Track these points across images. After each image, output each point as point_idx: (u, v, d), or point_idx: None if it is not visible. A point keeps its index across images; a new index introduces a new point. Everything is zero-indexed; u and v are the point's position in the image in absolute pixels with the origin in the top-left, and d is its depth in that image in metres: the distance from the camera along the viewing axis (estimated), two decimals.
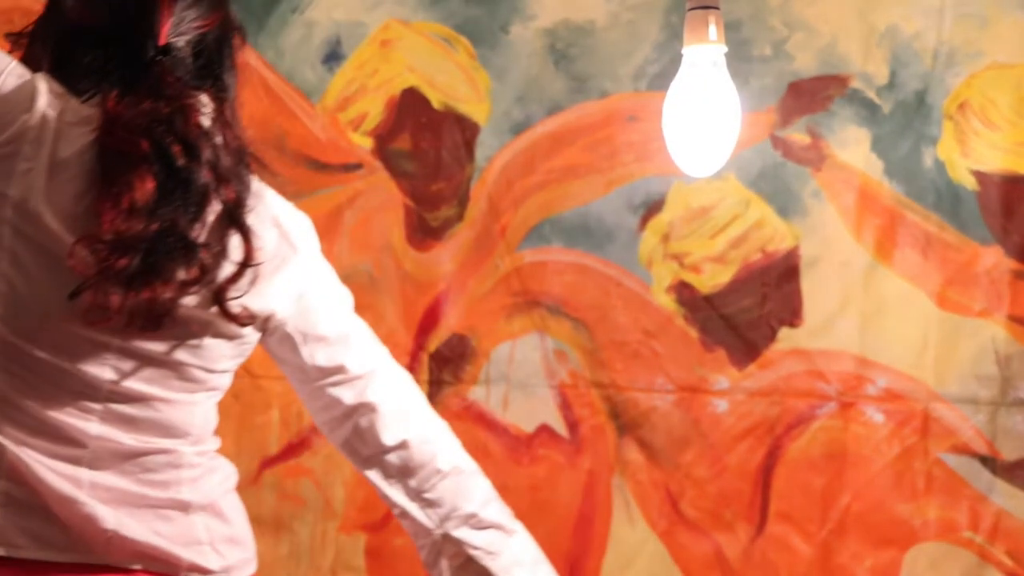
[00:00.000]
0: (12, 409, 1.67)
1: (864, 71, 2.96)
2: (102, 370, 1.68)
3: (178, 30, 1.73)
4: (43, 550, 1.67)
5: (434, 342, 3.05)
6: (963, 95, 2.94)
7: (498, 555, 1.94)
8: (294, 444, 3.04)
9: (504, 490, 2.99)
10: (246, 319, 1.74)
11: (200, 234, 1.68)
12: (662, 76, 2.95)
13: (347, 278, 3.01)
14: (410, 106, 3.05)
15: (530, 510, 2.97)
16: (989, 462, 2.94)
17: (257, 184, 1.78)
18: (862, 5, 2.96)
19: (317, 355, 1.87)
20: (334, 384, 1.88)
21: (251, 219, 1.72)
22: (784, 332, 2.98)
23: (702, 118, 2.71)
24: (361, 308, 3.01)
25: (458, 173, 3.05)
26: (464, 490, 1.94)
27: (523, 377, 3.04)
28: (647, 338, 3.01)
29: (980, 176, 2.93)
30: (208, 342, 1.73)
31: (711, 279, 3.00)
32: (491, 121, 3.04)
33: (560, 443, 3.04)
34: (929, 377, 2.94)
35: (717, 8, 2.65)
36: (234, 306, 1.71)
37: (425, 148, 3.05)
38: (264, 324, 1.80)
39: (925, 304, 2.95)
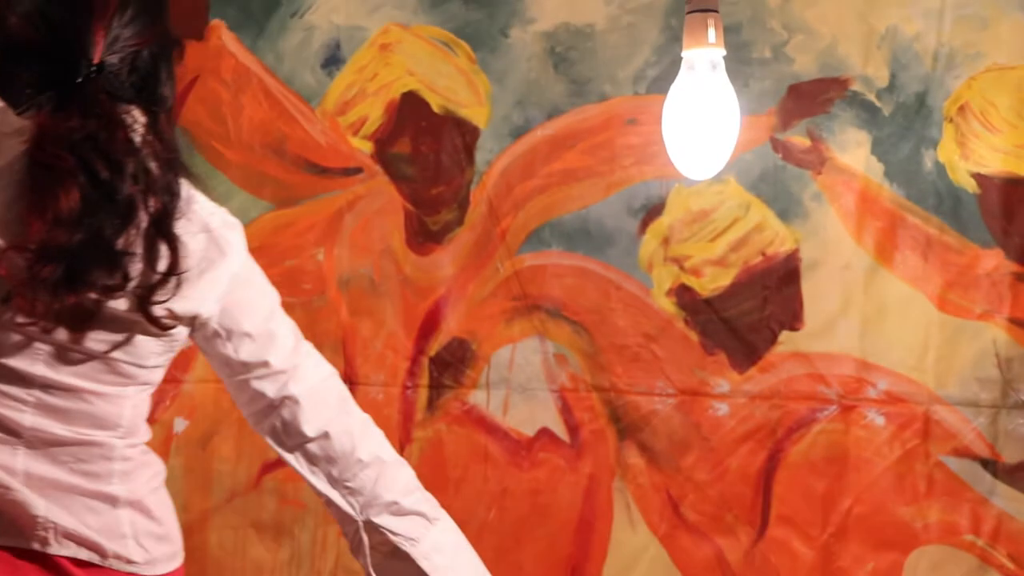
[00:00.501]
0: None
1: (864, 73, 2.96)
2: (34, 365, 1.77)
3: (112, 48, 1.79)
4: None
5: (434, 346, 3.05)
6: (963, 97, 2.94)
7: (418, 541, 2.02)
8: None
9: (505, 494, 3.01)
10: (169, 322, 1.82)
11: (126, 243, 1.75)
12: (662, 79, 2.95)
13: (347, 282, 3.03)
14: (410, 110, 3.05)
15: (531, 514, 2.98)
16: (990, 465, 2.93)
17: (187, 191, 1.85)
18: (862, 7, 2.96)
19: (241, 350, 1.94)
20: (258, 378, 1.96)
21: (180, 226, 1.81)
22: (785, 335, 2.98)
23: (702, 121, 2.71)
24: (361, 312, 3.02)
25: (458, 177, 3.05)
26: (385, 479, 2.01)
27: (523, 381, 3.04)
28: (647, 341, 3.01)
29: (980, 179, 2.93)
30: (137, 340, 1.82)
31: (711, 282, 3.00)
32: (491, 125, 3.04)
33: (561, 447, 3.04)
34: (930, 380, 2.94)
35: (716, 11, 2.65)
36: (158, 310, 1.80)
37: (425, 152, 3.05)
38: (191, 323, 1.89)
39: (926, 307, 2.95)
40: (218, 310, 1.90)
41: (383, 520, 2.01)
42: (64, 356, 1.80)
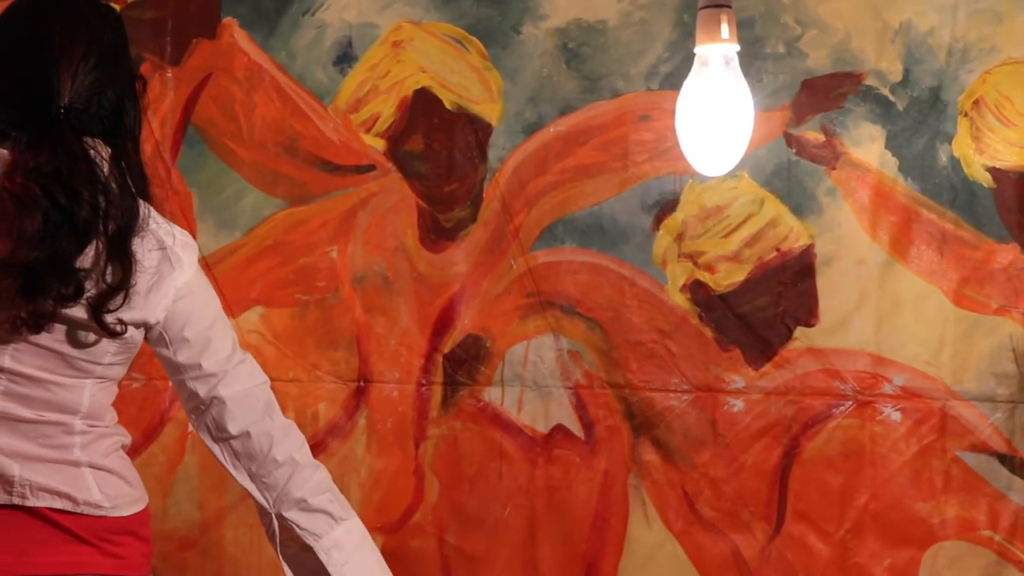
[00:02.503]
0: None
1: (878, 68, 2.95)
2: (2, 358, 2.05)
3: (79, 91, 2.06)
4: None
5: (448, 343, 3.05)
6: (978, 91, 2.93)
7: (320, 537, 2.26)
8: (309, 446, 3.03)
9: (520, 491, 3.01)
10: (119, 329, 2.06)
11: (84, 261, 2.02)
12: (675, 75, 2.94)
13: (361, 280, 3.03)
14: (422, 107, 3.05)
15: (546, 511, 2.98)
16: (1008, 460, 2.92)
17: (147, 213, 2.11)
18: (876, 1, 2.95)
19: (180, 353, 2.19)
20: (193, 379, 2.20)
21: (136, 243, 2.07)
22: (800, 331, 2.97)
23: (715, 117, 2.71)
24: (375, 310, 3.02)
25: (471, 174, 3.05)
26: (297, 479, 2.25)
27: (538, 378, 3.03)
28: (662, 338, 3.01)
29: (996, 173, 2.92)
30: (93, 340, 2.08)
31: (726, 278, 2.99)
32: (504, 121, 3.03)
33: (575, 444, 3.03)
34: (946, 375, 2.93)
35: (729, 6, 2.65)
36: (109, 318, 2.05)
37: (438, 149, 3.05)
38: (142, 328, 2.13)
39: (941, 302, 2.94)
40: (164, 317, 2.14)
41: (292, 515, 2.25)
42: (27, 351, 2.05)
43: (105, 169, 2.07)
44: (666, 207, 3.01)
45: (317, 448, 3.03)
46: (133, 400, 2.98)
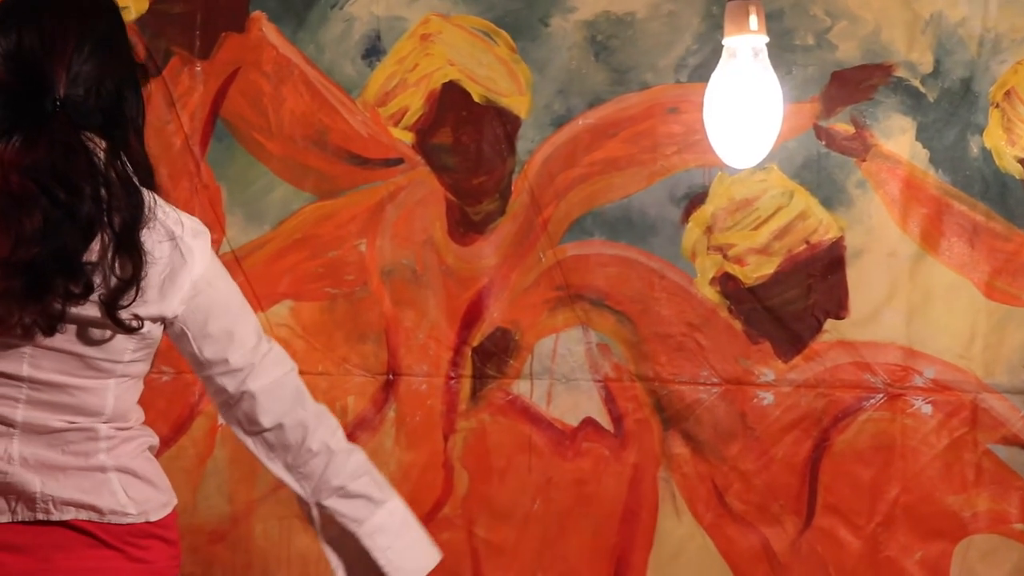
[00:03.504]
0: None
1: (908, 59, 2.94)
2: (20, 366, 2.01)
3: (75, 83, 2.03)
4: None
5: (477, 336, 3.05)
6: (1009, 82, 2.91)
7: (363, 522, 2.24)
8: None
9: (549, 484, 3.01)
10: (134, 324, 2.03)
11: (91, 256, 1.98)
12: (703, 67, 2.93)
13: (390, 273, 3.03)
14: (451, 100, 3.05)
15: (576, 504, 2.98)
16: None
17: (153, 204, 2.06)
18: None
19: (205, 350, 2.15)
20: (220, 374, 2.17)
21: (145, 235, 2.03)
22: (830, 323, 2.96)
23: (744, 109, 2.70)
24: (404, 303, 3.03)
25: (499, 167, 3.04)
26: (333, 467, 2.23)
27: (567, 371, 3.03)
28: (691, 331, 3.00)
29: None
30: (110, 338, 2.04)
31: (755, 271, 2.98)
32: (532, 114, 3.03)
33: (605, 437, 3.03)
34: (978, 368, 2.92)
35: None
36: (123, 314, 2.01)
37: (466, 142, 3.05)
38: (159, 323, 2.10)
39: (973, 294, 2.92)
40: (183, 311, 2.11)
41: (331, 503, 2.23)
42: (46, 357, 2.02)
43: (105, 161, 2.02)
44: (695, 200, 3.00)
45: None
46: (162, 394, 2.99)
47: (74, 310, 1.99)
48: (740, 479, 2.99)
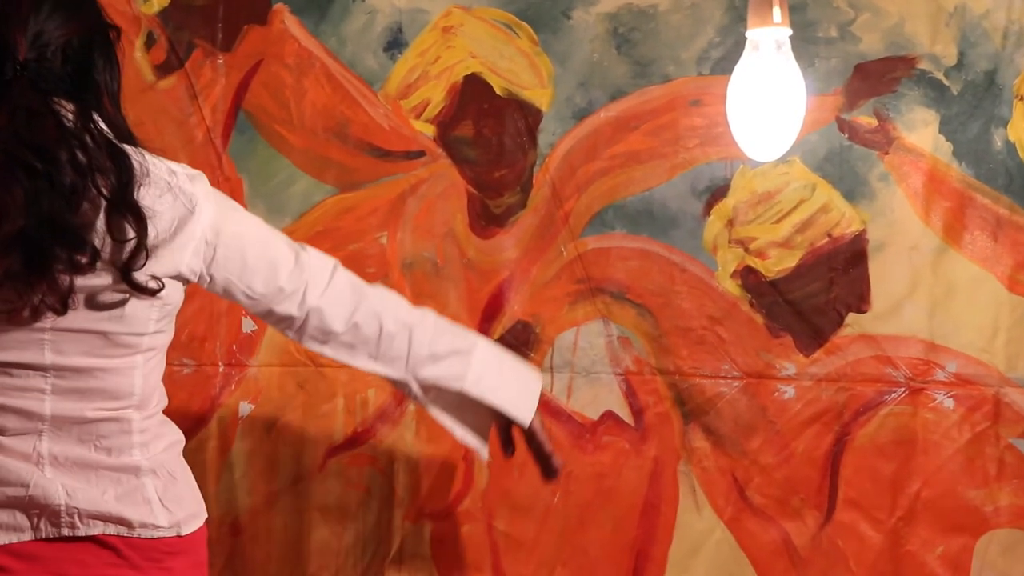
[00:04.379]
0: None
1: (932, 52, 2.93)
2: (42, 354, 1.92)
3: (39, 43, 1.91)
4: (10, 533, 1.95)
5: (498, 329, 3.04)
6: None
7: (463, 377, 2.28)
8: (359, 432, 3.05)
9: (569, 478, 3.01)
10: (154, 286, 1.95)
11: (86, 221, 1.88)
12: (726, 60, 2.93)
13: (410, 266, 3.04)
14: (472, 93, 3.05)
15: (596, 498, 2.98)
16: None
17: (142, 159, 1.96)
18: None
19: (255, 286, 2.11)
20: (279, 303, 2.14)
21: (143, 194, 1.94)
22: (851, 317, 2.96)
23: (767, 102, 2.70)
24: (425, 296, 3.03)
25: (521, 160, 3.04)
26: (416, 339, 2.23)
27: (587, 364, 3.03)
28: (712, 324, 3.00)
29: None
30: (130, 311, 1.96)
31: (777, 264, 2.98)
32: (554, 107, 3.03)
33: (625, 430, 3.03)
34: (1000, 362, 2.92)
35: None
36: (140, 277, 1.93)
37: (488, 135, 3.05)
38: (179, 281, 2.03)
39: (996, 288, 2.92)
40: (216, 264, 2.05)
41: (427, 373, 2.25)
42: (67, 340, 1.93)
43: (76, 124, 1.91)
44: (717, 193, 3.00)
45: (367, 434, 3.04)
46: (183, 386, 3.00)
47: (84, 281, 1.91)
48: (761, 473, 2.99)
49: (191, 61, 3.06)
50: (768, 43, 2.68)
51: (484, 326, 3.04)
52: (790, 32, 2.69)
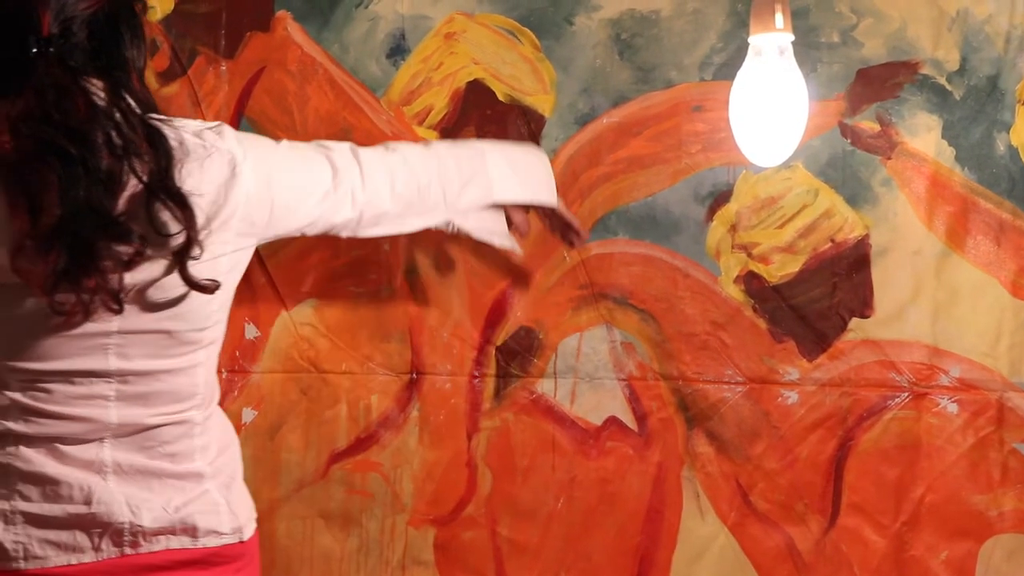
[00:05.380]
0: (32, 421, 1.84)
1: (934, 57, 2.93)
2: (106, 359, 1.84)
3: (63, 16, 1.78)
4: (69, 555, 1.86)
5: (501, 336, 3.04)
6: None
7: (491, 190, 2.32)
8: (362, 439, 3.05)
9: (573, 483, 3.01)
10: (212, 286, 1.86)
11: (129, 209, 1.76)
12: (728, 65, 2.93)
13: (413, 272, 3.04)
14: (475, 99, 3.05)
15: (599, 503, 2.98)
16: None
17: (175, 133, 1.85)
18: None
19: (307, 225, 2.09)
20: (333, 220, 2.13)
21: (185, 174, 1.82)
22: (855, 322, 2.96)
23: (769, 107, 2.69)
24: (427, 302, 3.03)
25: None
26: (445, 179, 2.26)
27: (591, 370, 3.03)
28: (715, 329, 2.99)
29: None
30: (191, 304, 1.88)
31: (780, 269, 2.98)
32: (556, 113, 3.03)
33: (629, 436, 3.03)
34: (1004, 367, 2.91)
35: None
36: (196, 273, 1.83)
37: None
38: (237, 252, 1.96)
39: (999, 292, 2.91)
40: (268, 223, 1.98)
41: (461, 203, 2.29)
42: (131, 343, 1.84)
43: (108, 102, 1.78)
44: (720, 198, 3.00)
45: (370, 440, 3.04)
46: None
47: (136, 276, 1.80)
48: (764, 478, 2.99)
49: (194, 68, 3.06)
50: (770, 48, 2.68)
51: (487, 332, 3.04)
52: (792, 38, 2.69)
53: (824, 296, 2.97)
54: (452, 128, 3.05)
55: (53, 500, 1.86)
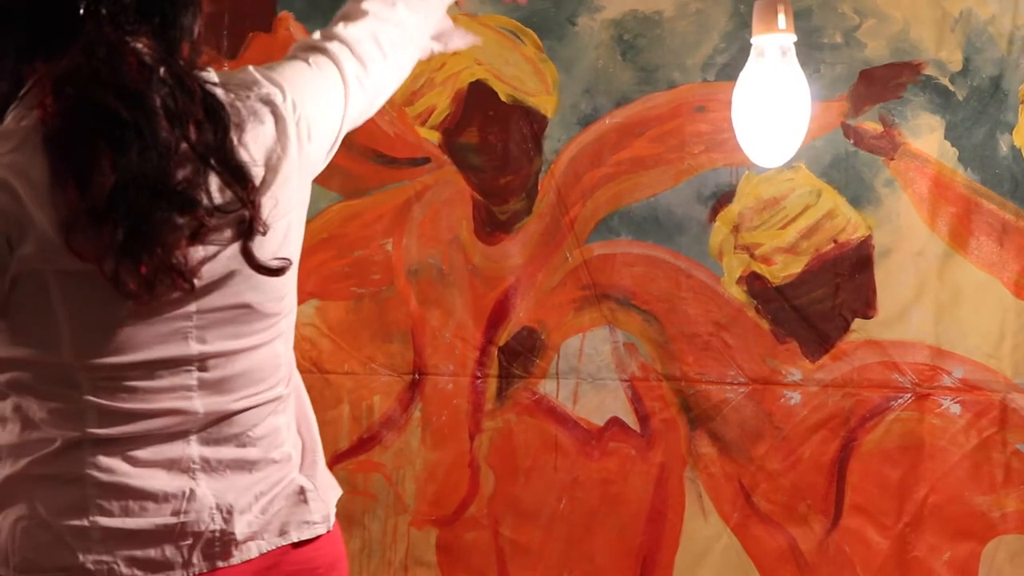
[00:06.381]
0: (111, 424, 1.67)
1: (937, 57, 2.93)
2: (187, 345, 1.67)
3: None
4: (159, 573, 1.69)
5: (503, 336, 3.04)
6: None
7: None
8: (364, 439, 3.05)
9: (575, 484, 3.01)
10: (283, 266, 1.71)
11: (188, 176, 1.61)
12: (731, 66, 2.93)
13: (416, 272, 3.04)
14: (478, 99, 3.05)
15: (602, 504, 2.97)
16: None
17: (226, 96, 1.69)
18: None
19: (337, 145, 1.91)
20: (352, 120, 1.94)
21: (246, 140, 1.68)
22: (857, 323, 2.96)
23: (772, 108, 2.69)
24: (430, 302, 3.03)
25: (526, 166, 3.04)
26: (418, 14, 2.07)
27: (593, 370, 3.03)
28: (718, 330, 2.99)
29: None
30: (261, 277, 1.71)
31: (782, 270, 2.98)
32: (559, 113, 3.03)
33: (631, 436, 3.03)
34: (1006, 367, 2.91)
35: None
36: (262, 255, 1.68)
37: (493, 141, 3.05)
38: (302, 198, 1.81)
39: (1002, 293, 2.91)
40: (327, 154, 1.87)
41: (431, 28, 2.12)
42: (211, 324, 1.68)
43: (161, 66, 1.62)
44: (722, 199, 3.00)
45: (372, 441, 3.04)
46: None
47: (206, 250, 1.64)
48: (767, 479, 2.99)
49: None
50: (773, 49, 2.67)
51: (490, 332, 3.04)
52: (795, 38, 2.68)
53: (827, 297, 2.97)
54: (454, 129, 3.05)
55: (137, 512, 1.68)
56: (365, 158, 3.07)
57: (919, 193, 2.94)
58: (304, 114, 1.79)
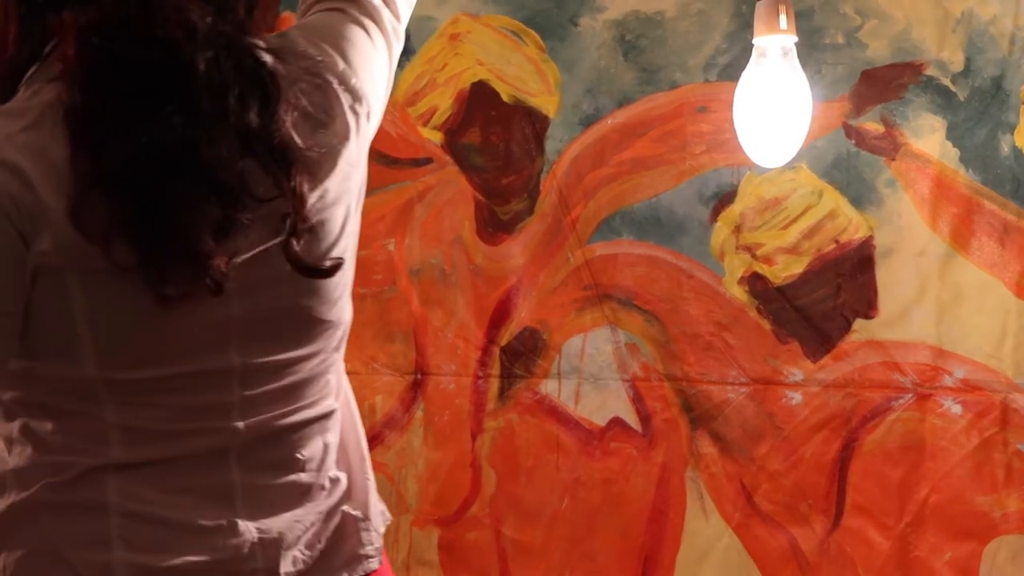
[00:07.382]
0: (140, 446, 1.44)
1: (939, 58, 2.93)
2: (227, 355, 1.44)
3: None
4: None
5: (505, 336, 3.05)
6: None
7: None
8: (367, 439, 3.04)
9: (577, 484, 3.01)
10: (336, 265, 1.47)
11: (228, 155, 1.35)
12: (733, 66, 2.93)
13: (418, 272, 3.04)
14: (480, 100, 3.05)
15: (603, 504, 2.98)
16: None
17: (285, 74, 1.43)
18: None
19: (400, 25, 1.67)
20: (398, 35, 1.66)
21: (299, 116, 1.44)
22: (859, 323, 2.96)
23: (773, 108, 2.70)
24: (432, 302, 3.03)
25: (528, 166, 3.05)
26: None
27: (595, 370, 3.03)
28: (720, 330, 2.99)
29: None
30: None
31: (784, 270, 2.98)
32: (561, 114, 3.03)
33: (633, 436, 3.03)
34: (1008, 367, 2.91)
35: None
36: (317, 252, 1.45)
37: (495, 142, 3.05)
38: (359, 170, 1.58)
39: (1003, 293, 2.91)
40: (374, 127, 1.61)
41: None
42: (255, 329, 1.45)
43: (207, 19, 1.35)
44: (724, 199, 3.00)
45: (374, 441, 3.04)
46: None
47: (241, 244, 1.38)
48: (768, 479, 2.99)
49: None
50: (775, 50, 2.68)
51: (492, 332, 3.05)
52: (796, 39, 2.69)
53: (828, 297, 2.97)
54: (456, 129, 3.05)
55: (168, 547, 1.43)
56: (367, 158, 3.07)
57: (920, 193, 2.94)
58: (361, 88, 1.57)
